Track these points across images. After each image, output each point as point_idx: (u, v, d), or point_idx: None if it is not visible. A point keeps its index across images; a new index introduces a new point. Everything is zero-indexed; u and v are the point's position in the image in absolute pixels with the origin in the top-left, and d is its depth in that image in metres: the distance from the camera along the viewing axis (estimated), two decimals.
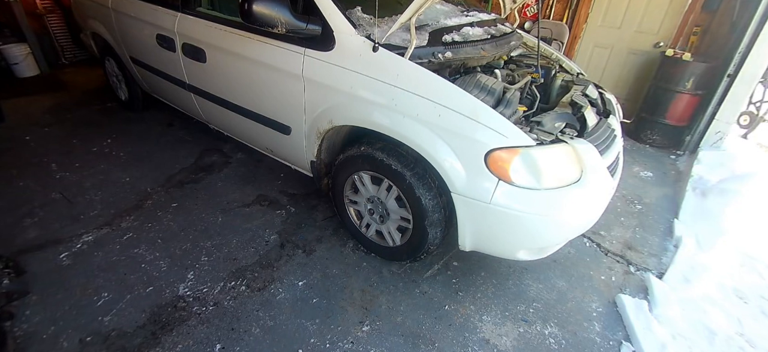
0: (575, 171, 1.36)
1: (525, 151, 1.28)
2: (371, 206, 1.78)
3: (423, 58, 1.48)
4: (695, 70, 3.07)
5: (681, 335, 1.57)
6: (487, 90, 1.44)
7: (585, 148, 1.38)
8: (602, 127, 1.62)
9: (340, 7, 1.52)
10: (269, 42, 1.69)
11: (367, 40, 1.45)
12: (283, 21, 1.43)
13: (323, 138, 1.73)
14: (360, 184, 1.75)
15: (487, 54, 1.70)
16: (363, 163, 1.66)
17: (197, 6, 2.06)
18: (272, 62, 1.70)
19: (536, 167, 1.29)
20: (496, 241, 1.49)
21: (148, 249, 1.86)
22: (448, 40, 1.60)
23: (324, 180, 1.97)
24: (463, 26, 1.72)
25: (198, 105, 2.35)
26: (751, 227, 2.22)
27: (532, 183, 1.30)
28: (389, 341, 1.51)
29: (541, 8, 2.11)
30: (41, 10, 4.22)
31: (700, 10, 3.28)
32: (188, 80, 2.24)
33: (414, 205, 1.56)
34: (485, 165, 1.31)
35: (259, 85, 1.83)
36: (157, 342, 1.43)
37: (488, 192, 1.33)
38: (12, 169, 2.40)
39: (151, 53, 2.40)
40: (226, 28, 1.86)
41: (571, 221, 1.39)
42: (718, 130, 3.13)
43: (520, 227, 1.37)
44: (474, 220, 1.44)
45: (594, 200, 1.43)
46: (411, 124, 1.39)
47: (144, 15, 2.32)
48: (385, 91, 1.41)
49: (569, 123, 1.49)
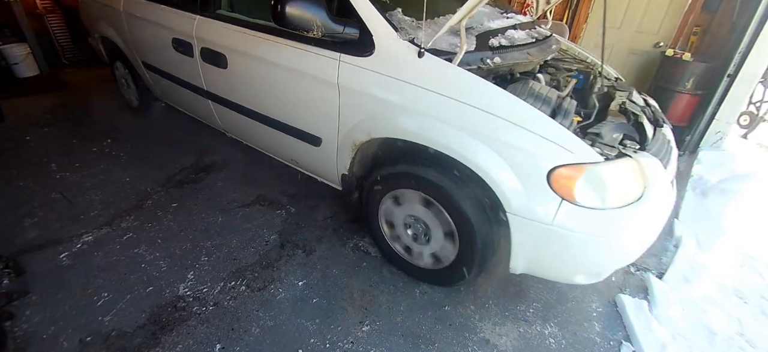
0: (639, 187, 1.25)
1: (591, 168, 1.16)
2: (411, 228, 1.66)
3: (471, 64, 1.36)
4: (695, 70, 3.07)
5: (681, 335, 1.57)
6: (542, 99, 1.31)
7: (649, 162, 1.27)
8: (659, 137, 1.49)
9: (380, 8, 1.39)
10: (300, 47, 1.56)
11: (410, 45, 1.34)
12: (318, 24, 1.32)
13: (358, 151, 1.60)
14: (395, 203, 1.63)
15: (534, 58, 1.57)
16: (404, 180, 1.53)
17: (217, 8, 1.93)
18: (303, 68, 1.57)
19: (602, 185, 1.17)
20: (553, 264, 1.37)
21: (148, 249, 1.85)
22: (494, 45, 1.48)
23: (354, 194, 1.82)
24: (508, 29, 1.61)
25: (216, 113, 2.22)
26: (751, 227, 2.22)
27: (597, 203, 1.19)
28: (389, 341, 1.51)
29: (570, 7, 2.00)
30: (41, 10, 4.22)
31: (700, 10, 3.28)
32: (206, 87, 2.12)
33: (460, 225, 1.44)
34: (548, 183, 1.19)
35: (287, 93, 1.69)
36: (157, 342, 1.43)
37: (550, 213, 1.21)
38: (12, 169, 2.40)
39: (166, 58, 2.28)
40: (251, 31, 1.73)
41: (635, 241, 1.28)
42: (718, 130, 3.13)
43: (581, 249, 1.25)
44: (531, 242, 1.31)
45: (657, 217, 1.32)
46: (464, 138, 1.27)
47: (159, 18, 2.20)
48: (434, 101, 1.29)
49: (627, 134, 1.38)
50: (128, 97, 3.21)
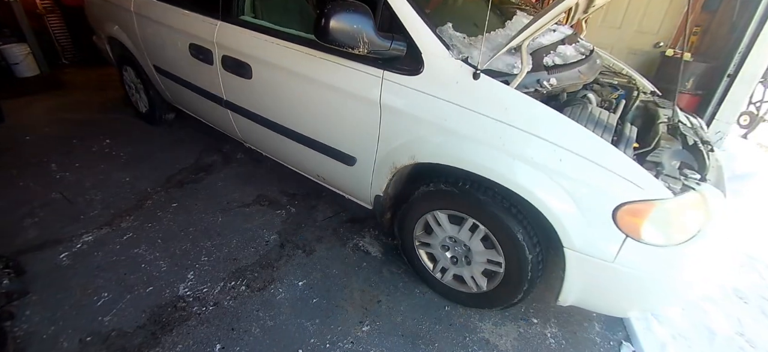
0: (702, 221, 1.16)
1: (660, 204, 1.07)
2: (450, 251, 1.59)
3: (529, 87, 1.25)
4: (695, 70, 3.07)
5: (681, 335, 1.57)
6: (604, 126, 1.20)
7: (713, 194, 1.18)
8: (714, 163, 1.37)
9: (430, 24, 1.27)
10: (338, 61, 1.44)
11: (464, 65, 1.23)
12: (365, 40, 1.19)
13: (396, 173, 1.50)
14: (435, 224, 1.54)
15: (586, 78, 1.45)
16: (444, 202, 1.45)
17: (241, 14, 1.79)
18: (341, 85, 1.46)
19: (668, 222, 1.09)
20: (609, 300, 1.30)
21: (148, 249, 1.85)
22: (548, 64, 1.36)
23: (386, 215, 1.73)
24: (557, 44, 1.49)
25: (235, 123, 2.11)
26: (751, 227, 2.22)
27: (661, 240, 1.11)
28: (389, 341, 1.51)
29: None
30: (41, 10, 4.22)
31: (700, 10, 3.28)
32: (226, 96, 2.00)
33: (508, 255, 1.38)
34: (613, 220, 1.10)
35: (320, 108, 1.59)
36: (157, 342, 1.43)
37: (613, 251, 1.14)
38: (12, 169, 2.40)
39: (182, 64, 2.15)
40: (280, 41, 1.61)
41: (695, 277, 1.20)
42: (718, 130, 3.13)
43: (641, 286, 1.19)
44: (588, 279, 1.24)
45: (717, 252, 1.27)
46: (523, 169, 1.17)
47: (175, 22, 2.06)
48: (491, 127, 1.19)
49: (684, 161, 1.27)
50: (135, 101, 3.09)
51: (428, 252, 1.68)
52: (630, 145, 1.21)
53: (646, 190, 1.06)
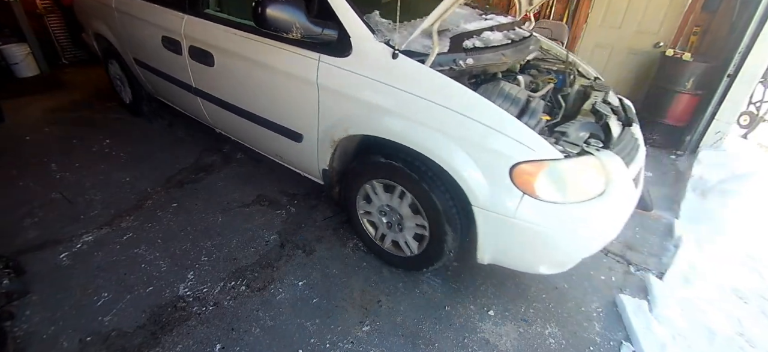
0: (600, 184, 1.31)
1: (552, 164, 1.23)
2: (386, 217, 1.74)
3: (444, 65, 1.42)
4: (695, 70, 3.07)
5: (681, 335, 1.57)
6: (511, 99, 1.39)
7: (611, 160, 1.34)
8: (626, 136, 1.57)
9: (358, 11, 1.46)
10: (282, 47, 1.63)
11: (386, 47, 1.40)
12: (298, 26, 1.37)
13: (337, 146, 1.67)
14: (373, 193, 1.71)
15: (508, 60, 1.64)
16: (381, 172, 1.61)
17: (205, 8, 1.99)
18: (285, 68, 1.64)
19: (563, 181, 1.25)
20: (517, 255, 1.45)
21: (148, 249, 1.86)
22: (468, 46, 1.54)
23: (335, 188, 1.90)
24: (483, 30, 1.67)
25: (205, 109, 2.29)
26: (751, 227, 2.22)
27: (558, 197, 1.26)
28: (389, 341, 1.51)
29: None
30: (41, 10, 4.22)
31: (700, 10, 3.28)
32: (195, 84, 2.18)
33: (431, 218, 1.53)
34: (510, 179, 1.26)
35: (270, 90, 1.77)
36: (157, 342, 1.43)
37: (512, 206, 1.29)
38: (12, 170, 2.40)
39: (157, 55, 2.34)
40: (237, 31, 1.80)
41: (594, 234, 1.35)
42: (718, 130, 3.12)
43: (543, 241, 1.32)
44: (495, 234, 1.40)
45: (618, 213, 1.39)
46: (433, 136, 1.34)
47: (149, 16, 2.25)
48: (406, 100, 1.36)
49: (593, 133, 1.45)
50: (121, 93, 3.28)
51: (370, 220, 1.85)
52: (534, 117, 1.35)
53: (537, 151, 1.22)
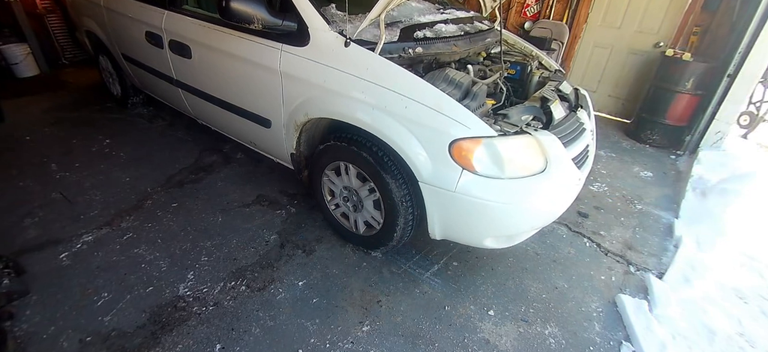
0: (539, 161, 1.41)
1: (487, 141, 1.33)
2: (346, 195, 1.84)
3: (393, 53, 1.53)
4: (695, 70, 3.07)
5: (681, 335, 1.57)
6: (455, 84, 1.48)
7: (548, 139, 1.43)
8: (570, 120, 1.66)
9: (315, 4, 1.58)
10: (249, 38, 1.75)
11: (339, 36, 1.51)
12: (259, 18, 1.48)
13: (301, 130, 1.78)
14: (335, 175, 1.82)
15: (460, 50, 1.75)
16: (337, 155, 1.72)
17: (183, 3, 2.11)
18: (252, 57, 1.76)
19: (499, 157, 1.34)
20: (463, 229, 1.53)
21: (148, 249, 1.86)
22: (419, 36, 1.66)
23: (304, 172, 2.01)
24: (437, 23, 1.79)
25: (186, 100, 2.41)
26: (751, 227, 2.22)
27: (496, 172, 1.36)
28: (389, 341, 1.51)
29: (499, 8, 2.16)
30: (41, 10, 4.22)
31: (700, 10, 3.28)
32: (176, 76, 2.30)
33: (385, 196, 1.62)
34: (449, 155, 1.36)
35: (241, 80, 1.88)
36: (157, 342, 1.43)
37: (453, 181, 1.39)
38: (12, 170, 2.40)
39: (141, 50, 2.45)
40: (210, 25, 1.91)
41: (535, 209, 1.43)
42: (718, 130, 3.13)
43: (485, 214, 1.42)
44: (441, 208, 1.49)
45: (559, 190, 1.48)
46: (380, 116, 1.44)
47: (134, 12, 2.37)
48: (356, 84, 1.47)
49: (536, 116, 1.53)
50: (110, 87, 3.41)
51: (336, 203, 1.93)
52: (476, 100, 1.45)
53: (472, 129, 1.32)
